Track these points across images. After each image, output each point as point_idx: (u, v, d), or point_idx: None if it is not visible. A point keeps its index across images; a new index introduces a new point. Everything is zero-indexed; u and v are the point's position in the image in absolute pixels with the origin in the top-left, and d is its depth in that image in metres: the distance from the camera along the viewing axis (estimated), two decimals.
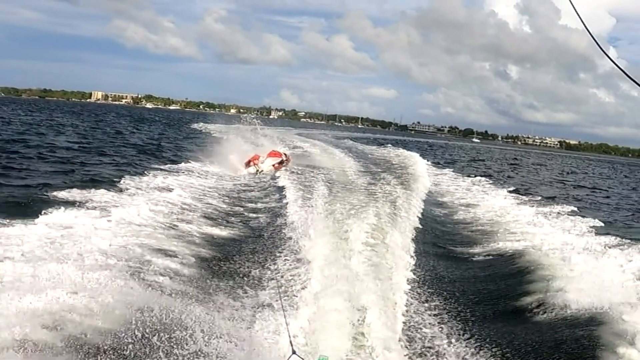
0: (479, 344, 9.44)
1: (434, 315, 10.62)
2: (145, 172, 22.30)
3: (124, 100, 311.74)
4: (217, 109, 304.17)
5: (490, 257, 15.47)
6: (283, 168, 28.01)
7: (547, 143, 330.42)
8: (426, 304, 11.15)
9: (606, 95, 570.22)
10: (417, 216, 19.53)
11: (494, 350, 9.23)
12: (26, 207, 13.80)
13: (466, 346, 9.31)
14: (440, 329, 9.93)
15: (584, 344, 9.25)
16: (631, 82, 4.29)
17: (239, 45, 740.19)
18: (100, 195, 16.07)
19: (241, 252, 13.33)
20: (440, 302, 11.45)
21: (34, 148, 31.78)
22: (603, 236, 16.95)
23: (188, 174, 23.92)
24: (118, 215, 13.53)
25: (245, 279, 11.24)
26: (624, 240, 16.50)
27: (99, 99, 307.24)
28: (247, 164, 28.38)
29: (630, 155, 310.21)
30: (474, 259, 15.41)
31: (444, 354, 9.00)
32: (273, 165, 27.94)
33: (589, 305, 10.56)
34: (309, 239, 13.46)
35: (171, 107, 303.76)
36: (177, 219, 14.95)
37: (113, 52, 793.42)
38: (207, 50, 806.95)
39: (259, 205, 19.42)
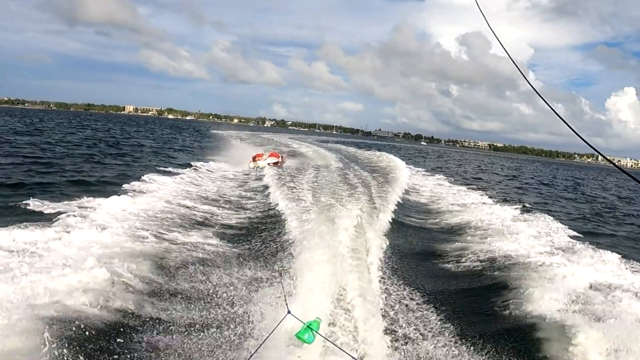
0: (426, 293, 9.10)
1: (398, 277, 9.83)
2: (202, 160, 27.58)
3: (150, 112, 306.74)
4: (223, 119, 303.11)
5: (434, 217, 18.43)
6: (278, 166, 26.86)
7: (479, 146, 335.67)
8: (392, 270, 10.25)
9: (526, 108, 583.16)
10: (398, 197, 19.64)
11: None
12: (148, 174, 18.89)
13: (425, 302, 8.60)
14: (403, 288, 9.19)
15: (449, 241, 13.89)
16: (545, 102, 4.44)
17: (240, 69, 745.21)
18: (183, 170, 21.97)
19: (245, 228, 12.71)
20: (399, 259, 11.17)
21: (130, 146, 37.12)
22: (489, 197, 22.72)
23: (218, 163, 27.76)
24: (189, 176, 19.87)
25: (247, 249, 10.62)
26: (496, 199, 22.33)
27: (130, 112, 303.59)
28: (253, 159, 27.59)
29: (543, 155, 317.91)
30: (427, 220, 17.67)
31: (410, 308, 8.31)
32: (269, 164, 26.48)
33: (479, 226, 15.76)
34: (301, 219, 12.64)
35: (187, 118, 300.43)
36: (215, 188, 18.63)
37: (141, 75, 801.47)
38: (214, 73, 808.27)
39: (259, 193, 18.41)
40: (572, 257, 11.22)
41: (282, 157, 29.66)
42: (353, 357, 5.52)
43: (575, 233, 14.99)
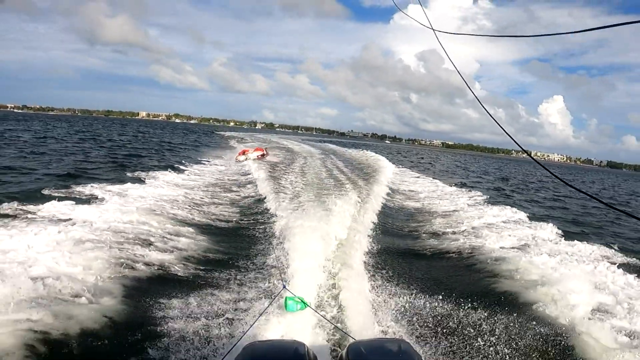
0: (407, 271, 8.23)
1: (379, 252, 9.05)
2: (217, 153, 31.01)
3: (160, 117, 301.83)
4: (221, 123, 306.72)
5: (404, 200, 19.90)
6: (262, 158, 26.44)
7: (434, 144, 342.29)
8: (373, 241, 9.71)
9: (473, 113, 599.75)
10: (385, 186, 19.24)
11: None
12: (181, 164, 21.62)
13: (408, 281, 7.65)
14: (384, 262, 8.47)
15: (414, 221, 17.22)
16: (481, 104, 4.08)
17: (235, 81, 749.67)
18: (208, 160, 25.16)
19: (238, 213, 11.61)
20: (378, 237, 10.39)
21: (168, 143, 39.80)
22: (439, 182, 25.91)
23: (220, 157, 29.18)
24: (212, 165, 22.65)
25: (244, 231, 9.84)
26: (446, 184, 25.51)
27: (143, 116, 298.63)
28: (242, 153, 27.15)
29: (486, 151, 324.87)
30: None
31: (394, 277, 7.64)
32: (257, 157, 26.21)
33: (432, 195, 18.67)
34: (292, 201, 12.26)
35: (191, 122, 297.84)
36: (216, 179, 17.59)
37: (151, 86, 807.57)
38: (214, 84, 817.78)
39: (254, 181, 17.01)
40: (479, 210, 14.90)
41: (265, 150, 29.24)
42: (344, 332, 5.08)
43: (488, 196, 18.80)
